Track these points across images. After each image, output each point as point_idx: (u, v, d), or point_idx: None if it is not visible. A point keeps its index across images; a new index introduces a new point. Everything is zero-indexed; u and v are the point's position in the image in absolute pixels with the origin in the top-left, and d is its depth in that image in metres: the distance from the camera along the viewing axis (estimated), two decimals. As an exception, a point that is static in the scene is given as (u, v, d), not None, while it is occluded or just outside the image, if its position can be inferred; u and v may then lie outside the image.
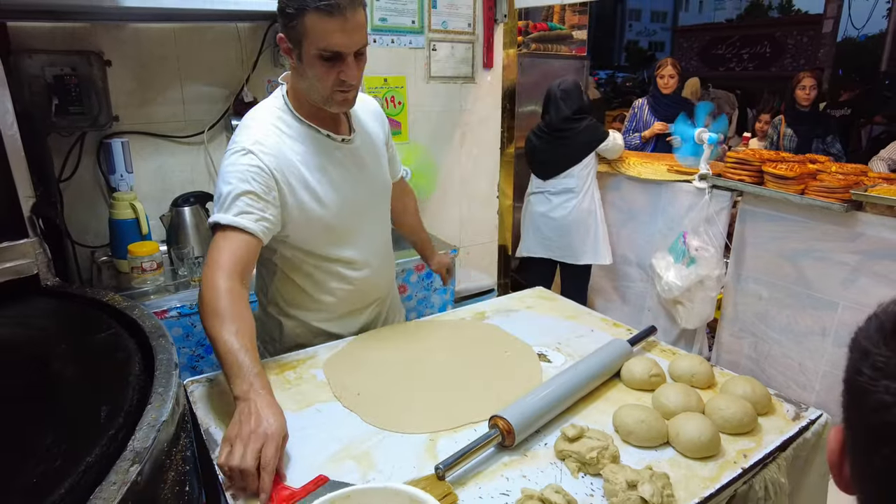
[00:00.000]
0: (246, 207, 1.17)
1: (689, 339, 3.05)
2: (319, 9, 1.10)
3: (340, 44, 1.14)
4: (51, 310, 1.34)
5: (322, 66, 1.16)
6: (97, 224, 2.14)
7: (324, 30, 1.12)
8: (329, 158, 1.31)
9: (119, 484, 0.77)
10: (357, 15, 1.14)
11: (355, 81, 1.21)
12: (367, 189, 1.39)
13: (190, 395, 1.20)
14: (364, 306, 1.49)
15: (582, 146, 3.03)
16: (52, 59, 1.91)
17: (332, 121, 1.32)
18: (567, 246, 3.13)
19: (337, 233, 1.34)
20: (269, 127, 1.26)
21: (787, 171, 2.50)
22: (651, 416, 1.07)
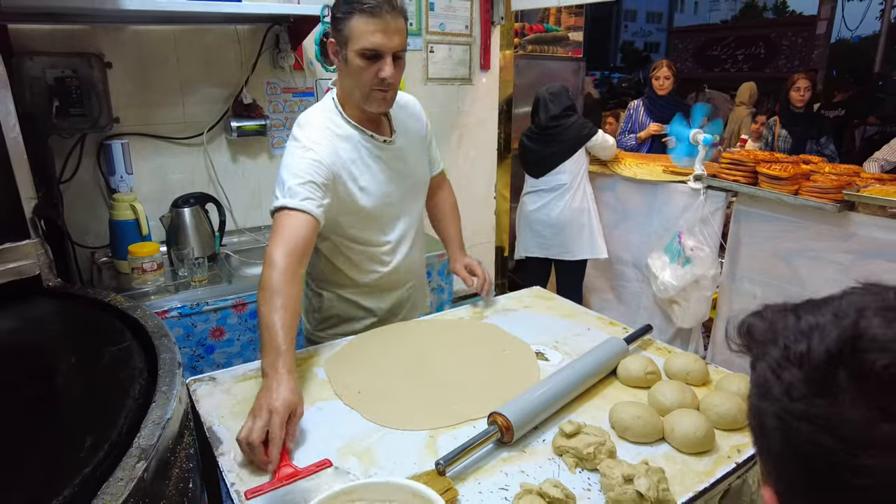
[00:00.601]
0: (309, 194, 1.30)
1: (684, 338, 3.07)
2: (364, 11, 1.24)
3: (380, 43, 1.26)
4: (53, 310, 1.36)
5: (363, 63, 1.28)
6: (97, 225, 2.15)
7: (366, 29, 1.25)
8: (372, 156, 1.43)
9: (126, 480, 0.78)
10: (398, 21, 1.28)
11: (393, 80, 1.31)
12: (405, 184, 1.51)
13: (193, 393, 1.21)
14: (395, 287, 1.60)
15: (571, 142, 3.07)
16: (53, 61, 1.92)
17: (375, 123, 1.44)
18: (563, 243, 3.17)
19: (376, 221, 1.48)
20: (322, 128, 1.39)
21: (781, 172, 2.53)
22: (647, 413, 1.09)
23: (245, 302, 1.94)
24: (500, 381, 1.26)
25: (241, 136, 2.33)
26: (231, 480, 0.96)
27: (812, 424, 0.42)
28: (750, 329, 0.51)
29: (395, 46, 1.28)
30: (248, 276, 2.21)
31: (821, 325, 0.44)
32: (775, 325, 0.48)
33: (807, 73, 3.92)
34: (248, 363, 1.35)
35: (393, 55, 1.29)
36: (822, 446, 0.41)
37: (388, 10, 1.25)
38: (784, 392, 0.44)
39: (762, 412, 0.46)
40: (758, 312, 0.52)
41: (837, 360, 0.42)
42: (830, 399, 0.41)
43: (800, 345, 0.44)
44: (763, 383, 0.46)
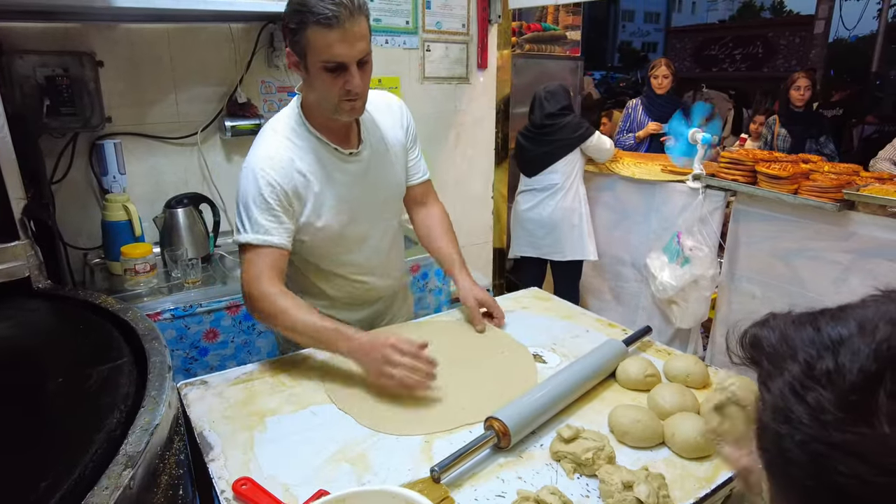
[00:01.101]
0: (268, 225, 1.27)
1: (683, 338, 3.06)
2: (319, 22, 1.13)
3: (342, 54, 1.17)
4: (42, 312, 1.33)
5: (327, 77, 1.19)
6: (90, 226, 2.12)
7: (325, 42, 1.15)
8: (336, 170, 1.35)
9: (111, 489, 0.76)
10: (357, 25, 1.16)
11: (360, 90, 1.23)
12: (373, 198, 1.43)
13: (184, 397, 1.19)
14: (371, 299, 1.55)
15: (564, 142, 3.05)
16: (43, 59, 1.89)
17: (342, 132, 1.36)
18: (553, 243, 3.17)
19: (342, 240, 1.40)
20: (283, 140, 1.32)
21: (781, 171, 2.51)
22: (646, 417, 1.07)
23: (239, 304, 1.91)
24: (496, 384, 1.24)
25: (235, 135, 2.31)
26: (221, 487, 0.94)
27: (852, 456, 0.37)
28: (757, 340, 0.46)
29: (359, 53, 1.19)
30: (243, 278, 2.19)
31: (846, 338, 0.40)
32: (789, 337, 0.44)
33: (807, 73, 3.91)
34: (240, 367, 1.33)
35: (357, 62, 1.20)
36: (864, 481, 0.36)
37: (346, 15, 1.13)
38: (811, 417, 0.39)
39: (782, 437, 0.41)
40: (764, 322, 0.47)
41: (876, 381, 0.37)
42: (871, 427, 0.36)
43: (825, 361, 0.40)
44: (782, 405, 0.41)
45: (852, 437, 0.37)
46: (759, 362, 0.46)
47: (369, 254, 1.47)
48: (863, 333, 0.40)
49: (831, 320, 0.42)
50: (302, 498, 0.90)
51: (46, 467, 0.78)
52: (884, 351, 0.38)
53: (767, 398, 0.43)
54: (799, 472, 0.40)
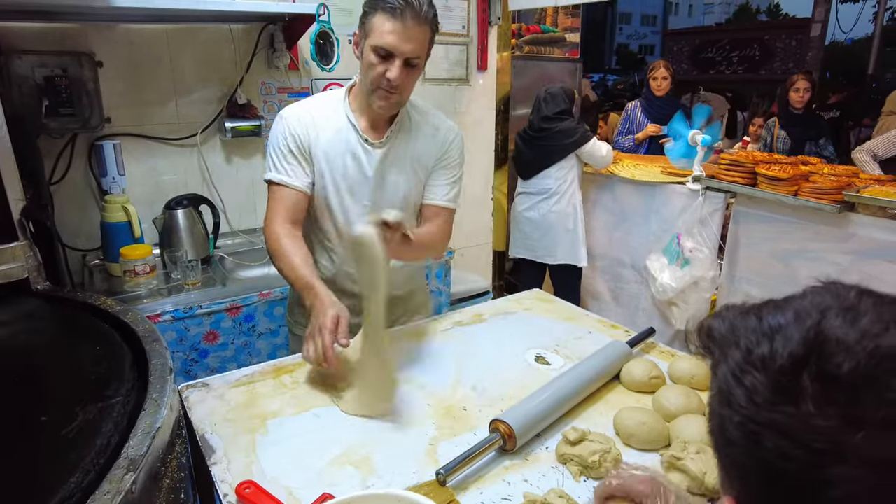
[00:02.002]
0: (287, 168, 1.39)
1: (683, 340, 3.05)
2: (386, 10, 1.24)
3: (392, 44, 1.25)
4: (41, 314, 1.32)
5: (374, 60, 1.28)
6: (88, 227, 2.11)
7: (383, 28, 1.25)
8: (352, 153, 1.41)
9: (113, 493, 0.75)
10: (419, 28, 1.26)
11: (399, 83, 1.29)
12: (383, 194, 1.44)
13: (185, 400, 1.18)
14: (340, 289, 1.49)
15: (558, 147, 3.05)
16: (42, 59, 1.88)
17: (376, 123, 1.42)
18: (547, 246, 3.18)
19: (326, 210, 1.45)
20: (319, 107, 1.43)
21: (780, 173, 2.52)
22: (652, 419, 1.06)
23: (240, 305, 1.90)
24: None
25: (235, 136, 2.30)
26: (224, 491, 0.92)
27: (779, 434, 0.39)
28: (709, 330, 0.49)
29: (408, 52, 1.26)
30: (243, 279, 2.17)
31: (783, 326, 0.43)
32: (736, 326, 0.46)
33: (806, 74, 3.91)
34: (241, 369, 1.32)
35: (405, 60, 1.27)
36: (789, 458, 0.39)
37: (411, 15, 1.24)
38: (747, 398, 0.42)
39: (724, 419, 0.44)
40: (718, 313, 0.50)
41: (801, 364, 0.40)
42: (796, 406, 0.39)
43: (762, 347, 0.42)
44: (725, 388, 0.44)
45: (780, 416, 0.40)
46: (711, 351, 0.48)
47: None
48: (797, 321, 0.42)
49: (773, 310, 0.45)
50: (306, 501, 0.89)
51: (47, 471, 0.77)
52: (811, 337, 0.41)
53: (714, 384, 0.46)
54: (737, 452, 0.43)
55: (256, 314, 1.95)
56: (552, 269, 3.27)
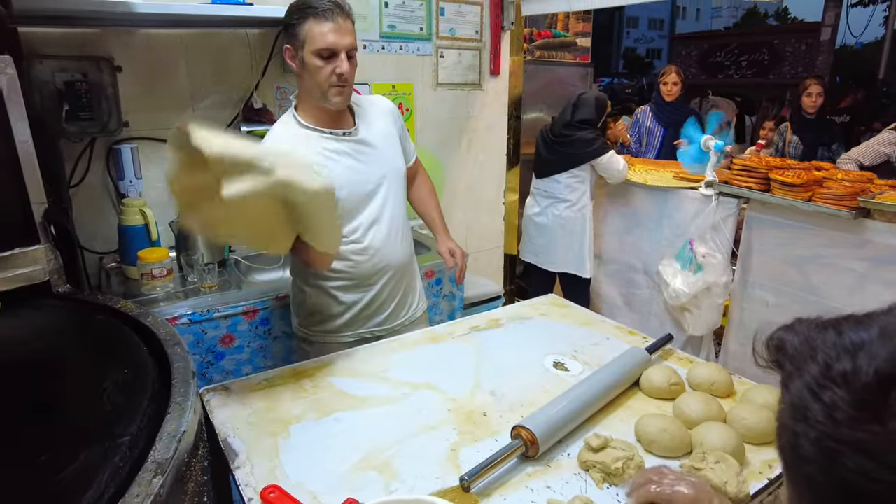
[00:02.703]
0: None
1: (695, 346, 3.04)
2: (317, 15, 1.36)
3: (334, 42, 1.38)
4: (62, 317, 1.33)
5: (320, 62, 1.39)
6: (106, 230, 2.13)
7: (320, 31, 1.37)
8: (334, 152, 1.50)
9: (143, 496, 0.75)
10: (347, 22, 1.40)
11: (348, 76, 1.42)
12: (376, 172, 1.56)
13: (206, 403, 1.19)
14: (372, 277, 1.60)
15: (574, 156, 3.03)
16: (62, 64, 1.90)
17: (334, 120, 1.52)
18: (548, 252, 3.17)
19: (349, 214, 1.52)
20: (277, 136, 1.50)
21: (794, 179, 2.50)
22: (673, 426, 1.06)
23: (256, 308, 1.91)
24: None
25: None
26: (248, 495, 0.93)
27: (862, 454, 0.38)
28: (781, 344, 0.48)
29: (348, 45, 1.40)
30: (259, 283, 2.19)
31: (866, 342, 0.42)
32: (812, 340, 0.45)
33: (819, 79, 3.89)
34: (261, 372, 1.32)
35: (346, 53, 1.40)
36: (872, 479, 0.38)
37: (338, 12, 1.37)
38: (826, 415, 0.40)
39: (798, 435, 0.43)
40: (789, 326, 0.49)
41: (890, 382, 0.38)
42: (883, 425, 0.38)
43: (842, 363, 0.41)
44: (799, 403, 0.43)
45: (863, 434, 0.38)
46: (782, 365, 0.47)
47: (369, 219, 1.56)
48: (883, 338, 0.41)
49: (854, 325, 0.44)
50: (330, 506, 0.89)
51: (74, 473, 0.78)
52: None
53: (787, 398, 0.45)
54: (811, 469, 0.42)
55: (272, 317, 1.96)
56: (561, 275, 3.25)
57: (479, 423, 1.13)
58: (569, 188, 3.07)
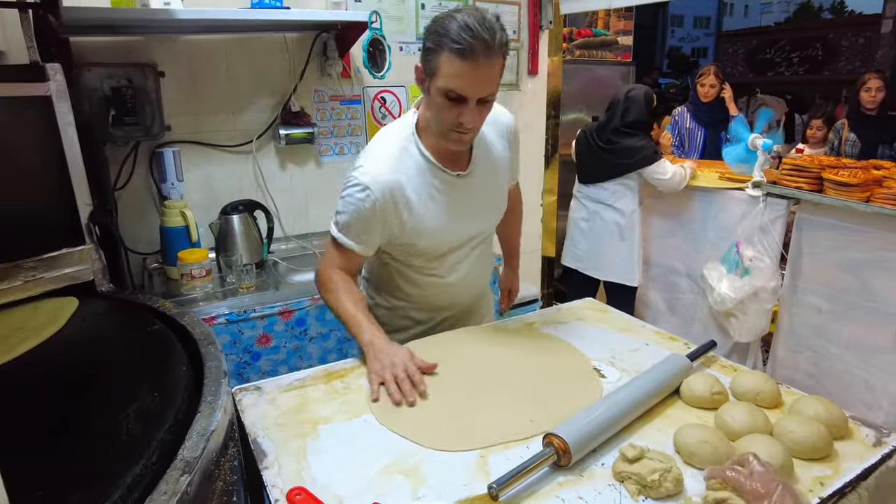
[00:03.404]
0: (354, 231, 1.34)
1: (741, 353, 2.92)
2: (454, 50, 1.12)
3: (465, 88, 1.16)
4: (104, 315, 1.37)
5: (445, 103, 1.19)
6: (149, 232, 2.19)
7: (453, 71, 1.14)
8: (441, 190, 1.36)
9: (169, 494, 0.76)
10: (491, 64, 1.15)
11: (472, 125, 1.23)
12: (477, 218, 1.46)
13: (238, 403, 1.19)
14: (451, 304, 1.57)
15: (618, 165, 2.89)
16: (110, 71, 1.97)
17: (452, 155, 1.36)
18: (594, 258, 3.06)
19: (436, 255, 1.44)
20: (392, 158, 1.32)
21: (851, 178, 2.38)
22: (715, 437, 1.01)
23: (292, 309, 1.93)
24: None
25: (289, 143, 2.35)
26: (275, 496, 0.93)
27: None
28: None
29: (482, 93, 1.18)
30: (296, 284, 2.21)
31: None
32: None
33: (879, 73, 3.69)
34: (293, 373, 1.32)
35: (479, 99, 1.19)
36: None
37: (482, 51, 1.11)
38: None
39: None
40: None
41: None
42: None
43: None
44: None
45: None
46: None
47: (460, 268, 1.50)
48: None
49: None
50: (356, 510, 0.88)
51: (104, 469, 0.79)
52: None
53: None
54: None
55: (308, 318, 1.97)
56: (606, 283, 3.14)
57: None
58: (615, 195, 2.95)
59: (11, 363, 1.05)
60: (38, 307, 1.28)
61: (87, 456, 0.83)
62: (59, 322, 1.20)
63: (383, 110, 2.64)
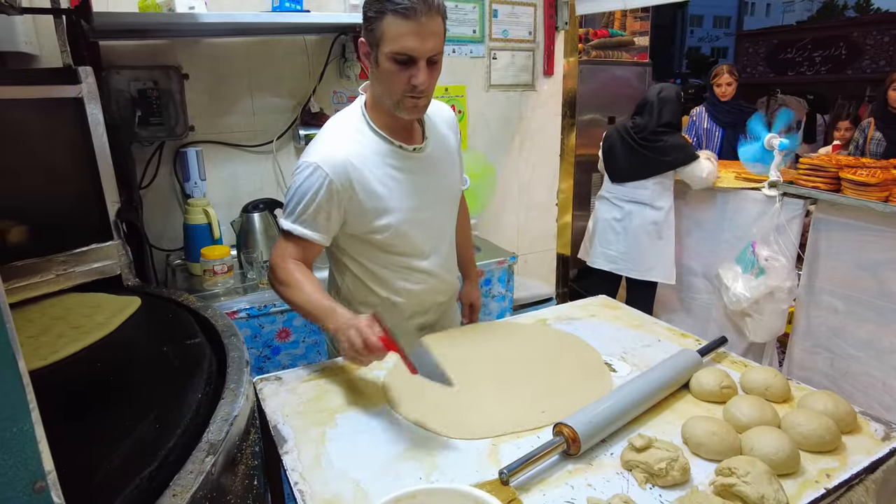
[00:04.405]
0: (309, 219, 1.28)
1: (757, 353, 2.91)
2: (397, 11, 1.14)
3: (413, 47, 1.16)
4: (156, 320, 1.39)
5: (395, 68, 1.19)
6: (172, 229, 2.26)
7: (398, 32, 1.15)
8: (398, 167, 1.34)
9: (196, 473, 0.80)
10: (433, 21, 1.17)
11: (425, 87, 1.22)
12: (435, 195, 1.42)
13: (259, 392, 1.24)
14: (426, 308, 1.52)
15: (661, 162, 2.87)
16: (136, 74, 2.04)
17: (405, 130, 1.35)
18: (633, 259, 3.02)
19: (402, 237, 1.37)
20: (343, 138, 1.31)
21: (869, 178, 2.36)
22: (723, 429, 1.03)
23: (309, 305, 1.98)
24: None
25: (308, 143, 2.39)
26: (294, 479, 0.97)
27: None
28: None
29: (430, 50, 1.18)
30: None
31: None
32: None
33: (907, 71, 3.64)
34: (312, 364, 1.37)
35: (428, 59, 1.19)
36: None
37: (424, 10, 1.14)
38: None
39: None
40: None
41: None
42: None
43: None
44: None
45: None
46: None
47: (428, 251, 1.43)
48: None
49: None
50: (371, 493, 0.92)
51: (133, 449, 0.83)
52: None
53: None
54: None
55: (325, 314, 2.02)
56: (630, 281, 3.12)
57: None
58: (654, 193, 2.93)
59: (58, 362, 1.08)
60: (100, 306, 1.30)
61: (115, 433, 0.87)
62: (113, 324, 1.21)
63: (400, 111, 2.68)
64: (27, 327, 1.18)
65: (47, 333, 1.15)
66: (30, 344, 1.10)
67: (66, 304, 1.32)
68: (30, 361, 0.95)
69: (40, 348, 1.09)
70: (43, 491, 0.54)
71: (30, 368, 0.52)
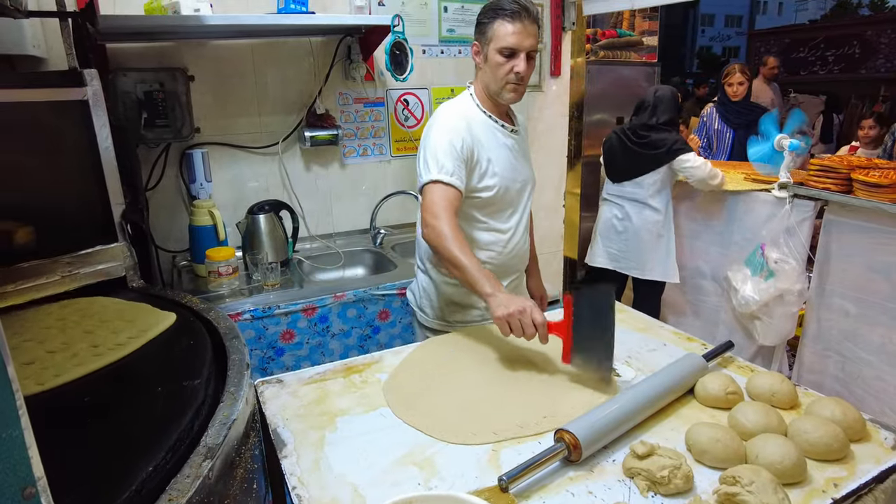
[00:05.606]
0: (455, 170, 1.51)
1: (766, 356, 2.88)
2: (505, 16, 1.50)
3: (516, 43, 1.50)
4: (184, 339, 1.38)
5: (501, 60, 1.52)
6: (178, 230, 2.26)
7: (506, 31, 1.50)
8: (500, 143, 1.63)
9: (192, 478, 0.80)
10: (532, 26, 1.52)
11: (525, 75, 1.54)
12: (522, 174, 1.69)
13: (260, 395, 1.23)
14: (504, 275, 1.73)
15: (652, 158, 2.88)
16: (143, 76, 2.04)
17: (505, 116, 1.66)
18: (633, 258, 3.02)
19: (499, 202, 1.64)
20: (459, 117, 1.59)
21: (881, 179, 2.33)
22: (727, 436, 1.01)
23: (315, 306, 1.98)
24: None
25: (314, 145, 2.40)
26: (293, 484, 0.96)
27: None
28: None
29: (528, 46, 1.51)
30: (319, 282, 2.26)
31: None
32: None
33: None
34: (314, 367, 1.36)
35: (526, 54, 1.51)
36: None
37: (525, 16, 1.50)
38: None
39: None
40: None
41: None
42: None
43: None
44: None
45: None
46: None
47: (515, 221, 1.69)
48: None
49: None
50: (369, 499, 0.91)
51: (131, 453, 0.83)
52: None
53: None
54: None
55: (330, 315, 2.02)
56: (636, 281, 3.12)
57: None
58: (651, 191, 2.93)
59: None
60: (134, 321, 1.25)
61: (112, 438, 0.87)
62: (133, 346, 1.16)
63: (406, 112, 2.67)
64: (56, 336, 1.16)
65: (66, 350, 1.11)
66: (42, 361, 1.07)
67: (103, 316, 1.27)
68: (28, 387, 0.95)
69: (47, 369, 1.04)
70: (33, 497, 0.54)
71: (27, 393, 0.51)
